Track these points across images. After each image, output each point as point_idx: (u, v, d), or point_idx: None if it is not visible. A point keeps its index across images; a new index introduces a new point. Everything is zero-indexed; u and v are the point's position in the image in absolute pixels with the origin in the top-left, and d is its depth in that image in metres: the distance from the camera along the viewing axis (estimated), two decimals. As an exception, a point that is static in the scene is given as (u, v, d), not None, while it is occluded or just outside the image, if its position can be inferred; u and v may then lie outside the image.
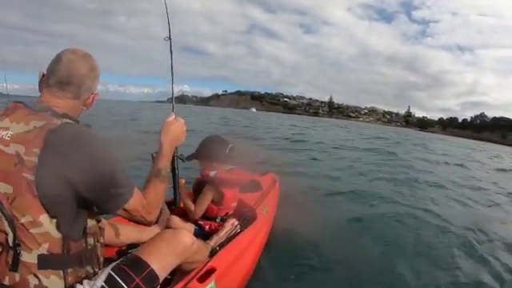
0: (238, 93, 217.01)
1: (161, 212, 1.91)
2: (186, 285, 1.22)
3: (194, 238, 1.24)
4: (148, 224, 1.06)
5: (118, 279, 0.95)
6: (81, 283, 0.92)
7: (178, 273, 1.31)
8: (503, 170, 10.88)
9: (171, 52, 1.51)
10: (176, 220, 1.79)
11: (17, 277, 0.81)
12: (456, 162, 11.06)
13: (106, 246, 1.38)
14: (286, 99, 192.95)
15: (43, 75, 0.99)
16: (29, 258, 0.82)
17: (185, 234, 1.20)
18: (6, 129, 0.85)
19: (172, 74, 1.57)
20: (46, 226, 0.82)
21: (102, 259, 1.02)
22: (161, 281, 1.05)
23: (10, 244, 0.79)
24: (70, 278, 0.89)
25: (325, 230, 3.09)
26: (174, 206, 2.05)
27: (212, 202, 1.83)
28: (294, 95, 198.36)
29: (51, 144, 0.81)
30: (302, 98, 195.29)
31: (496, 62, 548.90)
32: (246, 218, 1.96)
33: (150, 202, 1.03)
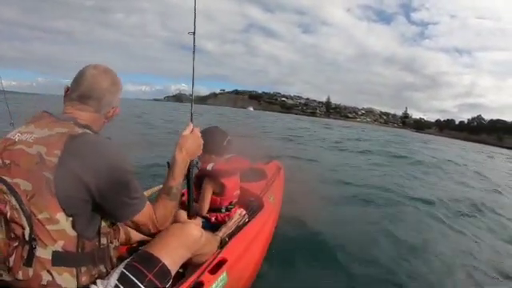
0: (236, 92, 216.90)
1: None
2: (198, 277, 1.23)
3: (203, 231, 1.24)
4: (151, 236, 1.10)
5: (131, 276, 0.95)
6: (94, 283, 0.93)
7: (189, 266, 1.31)
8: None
9: (194, 47, 1.46)
10: (184, 214, 1.78)
11: (30, 272, 0.82)
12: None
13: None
14: (283, 99, 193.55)
15: (67, 89, 1.05)
16: (43, 253, 0.83)
17: (193, 226, 1.21)
18: (31, 133, 0.90)
19: (193, 75, 1.50)
20: (62, 223, 0.84)
21: (114, 260, 1.03)
22: (173, 275, 1.05)
23: (26, 238, 0.80)
24: (83, 278, 0.90)
25: (331, 214, 3.11)
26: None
27: (213, 193, 1.82)
28: (292, 95, 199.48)
29: (71, 148, 0.86)
30: (300, 97, 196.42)
31: (493, 64, 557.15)
32: (253, 207, 1.96)
33: (159, 217, 1.07)
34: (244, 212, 1.86)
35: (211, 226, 1.75)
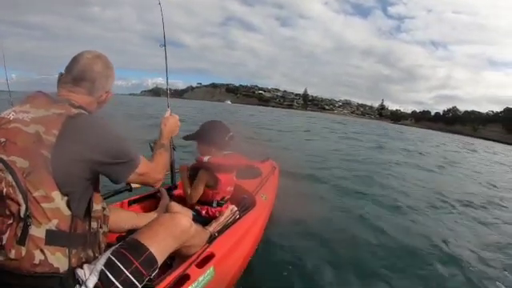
0: (213, 85, 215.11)
1: (161, 197, 1.93)
2: (185, 270, 1.24)
3: (192, 222, 1.25)
4: (157, 184, 1.21)
5: (118, 263, 0.96)
6: (81, 267, 0.93)
7: (177, 258, 1.32)
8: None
9: (166, 58, 1.78)
10: (175, 206, 1.80)
11: (23, 251, 0.82)
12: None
13: (106, 231, 1.40)
14: (260, 91, 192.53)
15: (61, 74, 1.07)
16: (37, 232, 0.84)
17: (182, 217, 1.22)
18: (27, 112, 0.92)
19: (167, 78, 1.89)
20: (57, 202, 0.86)
21: (103, 245, 1.05)
22: (159, 264, 1.06)
23: (22, 215, 0.81)
24: (73, 259, 0.91)
25: (323, 215, 3.13)
26: (172, 192, 2.07)
27: (207, 186, 1.82)
28: (269, 87, 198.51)
29: (69, 128, 0.88)
30: (277, 90, 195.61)
31: (468, 57, 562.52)
32: (245, 205, 1.97)
33: (158, 163, 1.23)
34: (235, 209, 1.88)
35: (202, 221, 1.77)
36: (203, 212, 1.83)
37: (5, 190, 0.79)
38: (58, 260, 0.87)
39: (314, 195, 3.96)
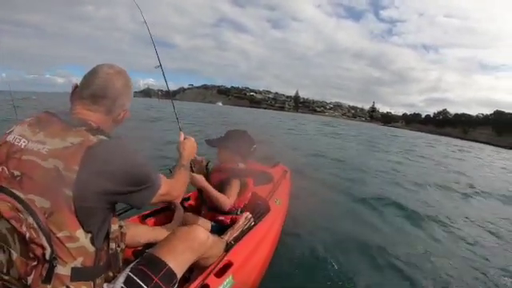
0: (205, 86, 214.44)
1: (175, 209, 1.92)
2: (204, 280, 1.23)
3: (209, 234, 1.24)
4: (178, 200, 1.18)
5: (137, 279, 0.95)
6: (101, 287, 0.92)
7: (195, 269, 1.31)
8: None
9: (164, 76, 1.82)
10: (191, 218, 1.79)
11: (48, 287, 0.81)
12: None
13: (123, 247, 1.39)
14: (252, 93, 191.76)
15: (76, 86, 0.99)
16: (63, 270, 0.81)
17: (199, 229, 1.21)
18: (43, 143, 0.84)
19: (173, 105, 1.88)
20: (82, 240, 0.83)
21: (121, 263, 1.03)
22: (179, 278, 1.05)
23: (47, 258, 0.78)
24: (96, 287, 0.90)
25: (336, 216, 3.09)
26: (186, 202, 2.06)
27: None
28: (261, 89, 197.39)
29: (89, 161, 0.81)
30: (269, 92, 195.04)
31: (459, 60, 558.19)
32: (259, 211, 1.96)
33: (178, 180, 1.18)
34: (250, 215, 1.86)
35: (218, 229, 1.75)
36: (228, 221, 1.81)
37: (27, 234, 0.74)
38: None
39: (325, 195, 3.93)
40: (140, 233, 1.51)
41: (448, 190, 5.59)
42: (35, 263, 0.77)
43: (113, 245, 0.96)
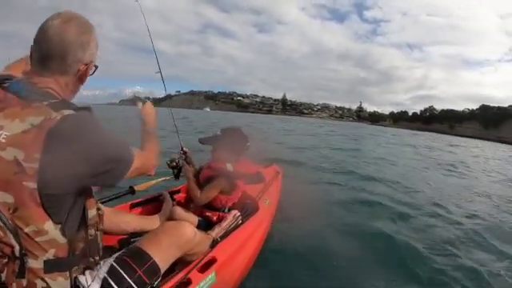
0: (192, 92, 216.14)
1: (163, 201, 1.93)
2: (186, 275, 1.24)
3: (196, 230, 1.24)
4: (152, 171, 1.10)
5: (121, 271, 0.95)
6: (83, 273, 0.92)
7: (178, 263, 1.32)
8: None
9: (163, 83, 2.03)
10: (179, 211, 1.79)
11: (24, 282, 0.80)
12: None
13: (108, 234, 1.39)
14: (239, 98, 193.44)
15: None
16: (35, 264, 0.79)
17: (187, 226, 1.21)
18: (1, 127, 0.76)
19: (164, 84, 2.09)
20: (52, 233, 0.79)
21: (101, 245, 1.00)
22: (162, 272, 1.06)
23: (17, 255, 0.76)
24: (74, 274, 0.89)
25: (326, 219, 3.11)
26: (174, 196, 2.06)
27: (221, 192, 1.83)
28: (248, 93, 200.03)
29: (52, 144, 0.73)
30: (256, 96, 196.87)
31: (444, 57, 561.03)
32: (247, 210, 1.97)
33: (150, 150, 1.11)
34: (238, 214, 1.87)
35: (205, 225, 1.76)
36: (214, 218, 1.82)
37: None
38: (60, 284, 0.84)
39: (317, 197, 3.96)
40: (127, 221, 1.52)
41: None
42: (6, 260, 0.76)
43: (92, 231, 0.92)
